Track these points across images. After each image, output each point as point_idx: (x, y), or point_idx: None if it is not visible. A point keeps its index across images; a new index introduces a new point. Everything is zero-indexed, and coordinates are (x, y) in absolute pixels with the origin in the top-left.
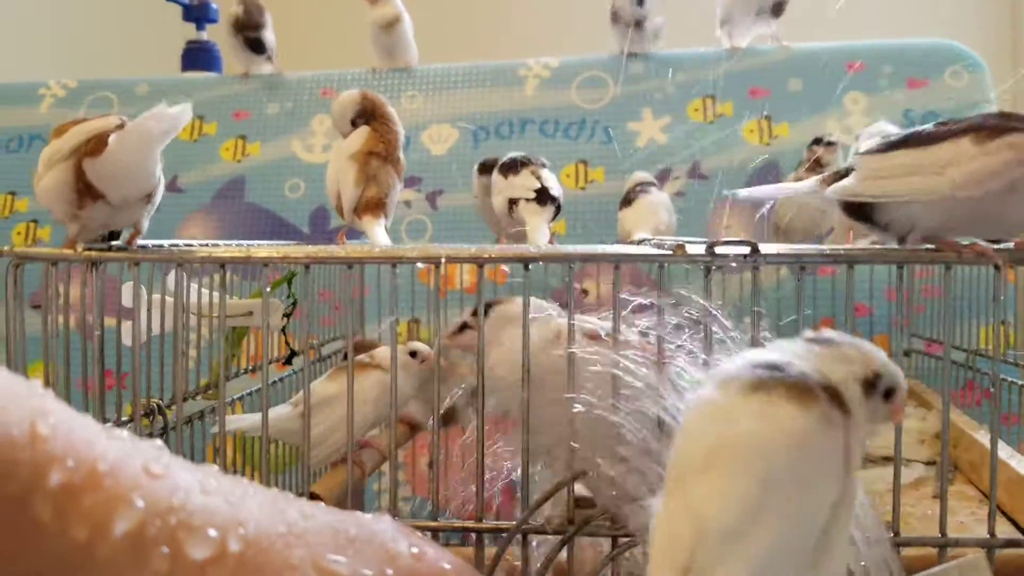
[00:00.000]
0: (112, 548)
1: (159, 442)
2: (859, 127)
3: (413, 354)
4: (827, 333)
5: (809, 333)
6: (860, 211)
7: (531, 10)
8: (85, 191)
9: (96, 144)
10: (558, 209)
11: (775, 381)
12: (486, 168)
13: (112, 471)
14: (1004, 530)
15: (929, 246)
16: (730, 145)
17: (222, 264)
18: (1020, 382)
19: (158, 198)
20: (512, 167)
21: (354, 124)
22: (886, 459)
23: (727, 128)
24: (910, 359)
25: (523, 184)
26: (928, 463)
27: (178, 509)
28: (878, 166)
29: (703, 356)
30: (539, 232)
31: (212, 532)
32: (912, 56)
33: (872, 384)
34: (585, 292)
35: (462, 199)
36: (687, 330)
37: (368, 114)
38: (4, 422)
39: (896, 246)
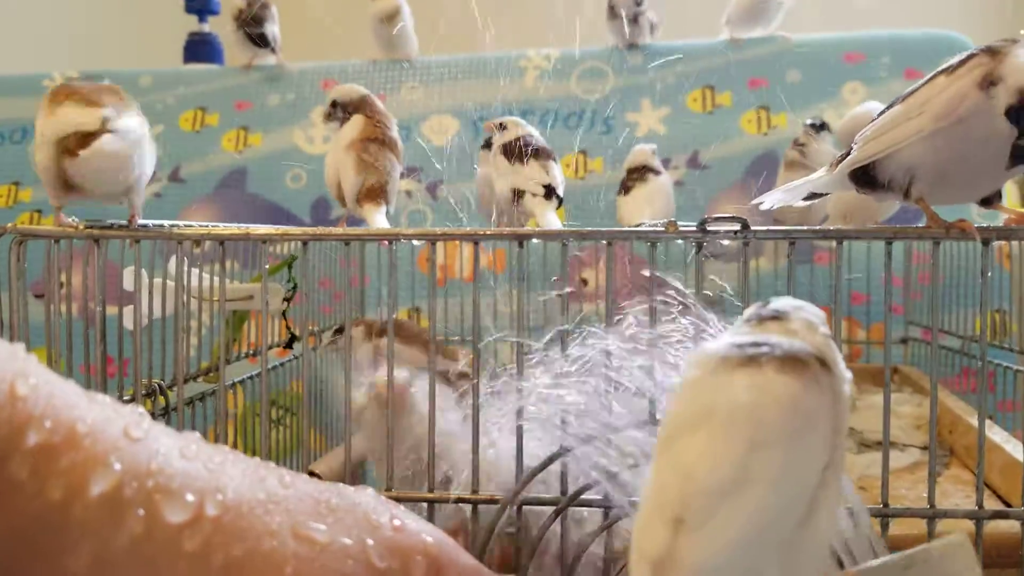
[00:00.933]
0: (87, 509)
1: (141, 408)
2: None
3: None
4: (773, 306)
5: (751, 313)
6: (866, 179)
7: (531, 2)
8: (67, 182)
9: (73, 144)
10: (560, 202)
11: (766, 356)
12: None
13: (91, 432)
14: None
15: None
16: (729, 135)
17: (221, 242)
18: (1016, 367)
19: (144, 183)
20: (520, 154)
21: (345, 111)
22: (880, 444)
23: (726, 118)
24: (907, 346)
25: (532, 177)
26: (924, 448)
27: (156, 473)
28: (873, 131)
29: (692, 335)
30: (549, 225)
31: (189, 496)
32: (910, 47)
33: None
34: (585, 282)
35: (462, 190)
36: (677, 311)
37: (356, 106)
38: None
39: (888, 223)
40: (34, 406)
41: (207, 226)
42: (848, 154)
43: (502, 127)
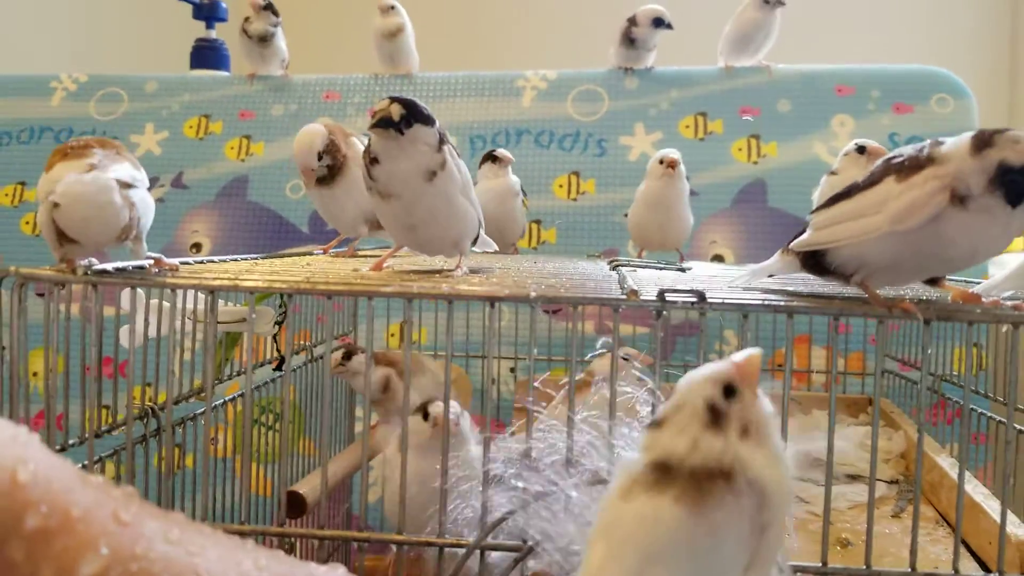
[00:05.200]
0: None
1: (131, 488)
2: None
3: (426, 416)
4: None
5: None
6: (813, 261)
7: (530, 23)
8: (61, 233)
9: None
10: None
11: (666, 482)
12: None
13: (84, 517)
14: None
15: (864, 296)
16: (720, 162)
17: (212, 291)
18: (989, 413)
19: (144, 229)
20: None
21: (320, 157)
22: (849, 477)
23: (717, 145)
24: (883, 378)
25: None
26: (890, 482)
27: (140, 557)
28: (825, 218)
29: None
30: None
31: None
32: (900, 82)
33: (719, 410)
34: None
35: None
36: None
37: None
38: None
39: (832, 298)
40: (32, 492)
41: (203, 262)
42: (799, 234)
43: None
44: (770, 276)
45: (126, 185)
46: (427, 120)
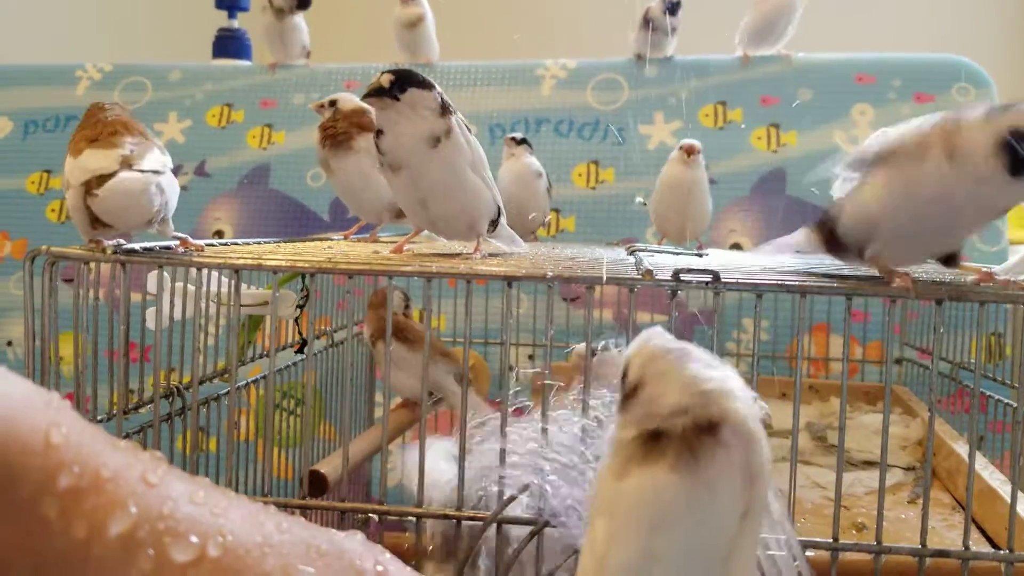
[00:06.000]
0: (106, 547)
1: (159, 453)
2: (865, 138)
3: None
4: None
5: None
6: (831, 238)
7: (550, 12)
8: (95, 219)
9: (95, 184)
10: None
11: (657, 452)
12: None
13: (114, 478)
14: (975, 537)
15: (879, 278)
16: (739, 151)
17: (237, 270)
18: (1007, 400)
19: (171, 212)
20: None
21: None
22: (866, 463)
23: (736, 134)
24: (901, 367)
25: None
26: (907, 468)
27: (167, 516)
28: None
29: None
30: None
31: (194, 538)
32: (921, 71)
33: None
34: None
35: None
36: None
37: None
38: (22, 431)
39: (847, 278)
40: (65, 453)
41: (227, 244)
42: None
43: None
44: (796, 252)
45: (156, 173)
46: (423, 84)
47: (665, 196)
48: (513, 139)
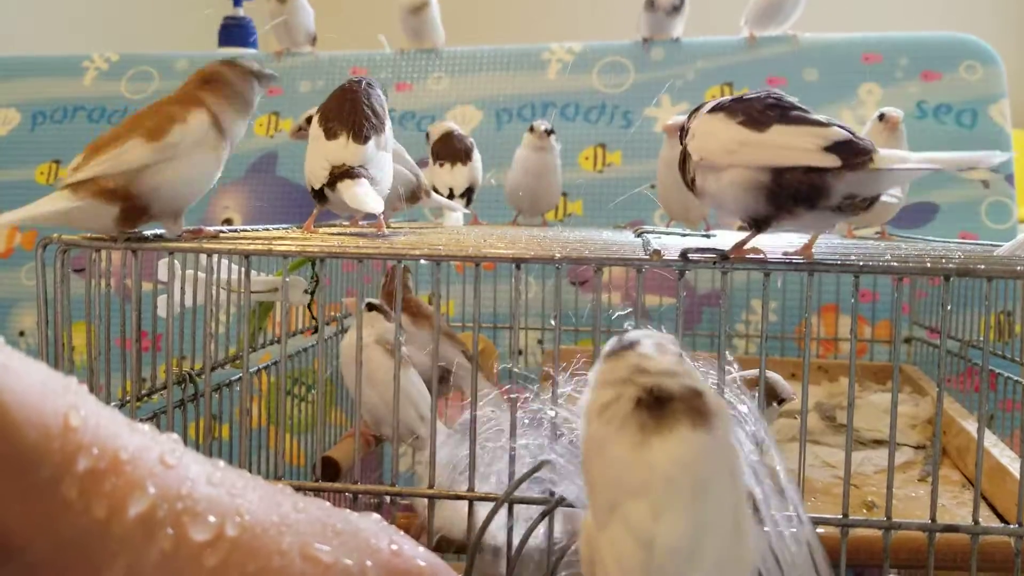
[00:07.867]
0: (125, 527)
1: (176, 435)
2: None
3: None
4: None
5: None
6: None
7: None
8: (129, 211)
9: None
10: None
11: (672, 419)
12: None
13: (132, 459)
14: (985, 514)
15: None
16: None
17: (247, 256)
18: (1017, 378)
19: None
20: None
21: None
22: (876, 442)
23: None
24: (910, 346)
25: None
26: (917, 447)
27: (185, 497)
28: None
29: None
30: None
31: (212, 518)
32: (928, 49)
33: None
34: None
35: (485, 179)
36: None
37: None
38: (42, 414)
39: (854, 261)
40: (84, 435)
41: (237, 231)
42: None
43: None
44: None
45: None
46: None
47: (666, 176)
48: (546, 131)
